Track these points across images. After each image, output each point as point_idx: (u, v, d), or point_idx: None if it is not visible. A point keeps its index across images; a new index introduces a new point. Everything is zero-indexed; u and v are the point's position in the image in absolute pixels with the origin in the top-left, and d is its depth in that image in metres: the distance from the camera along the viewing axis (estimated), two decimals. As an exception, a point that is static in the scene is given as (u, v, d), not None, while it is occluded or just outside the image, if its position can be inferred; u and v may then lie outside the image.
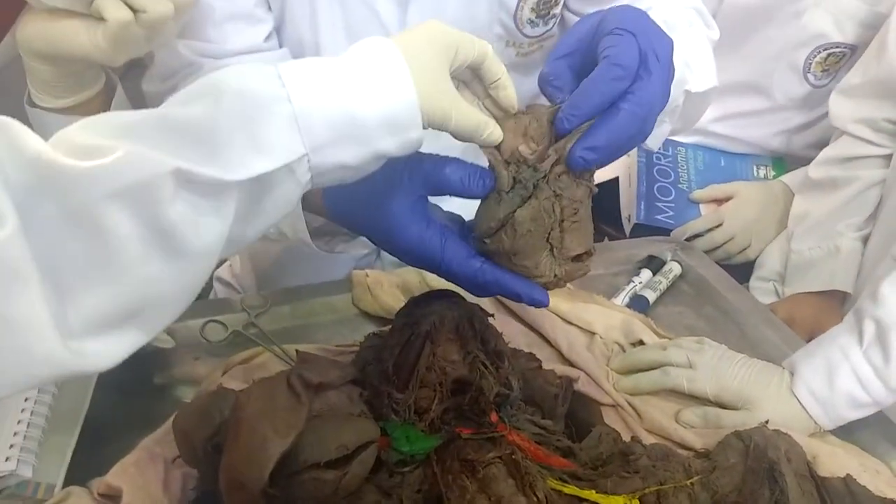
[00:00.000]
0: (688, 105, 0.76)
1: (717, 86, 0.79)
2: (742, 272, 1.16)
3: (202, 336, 0.79)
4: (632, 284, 0.91)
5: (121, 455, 0.61)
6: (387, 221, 0.51)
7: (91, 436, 0.64)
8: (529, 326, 0.82)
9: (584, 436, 0.64)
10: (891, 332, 0.68)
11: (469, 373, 0.58)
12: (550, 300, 0.88)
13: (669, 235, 1.13)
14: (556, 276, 0.52)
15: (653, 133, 0.79)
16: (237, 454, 0.50)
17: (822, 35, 1.11)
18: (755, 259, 1.17)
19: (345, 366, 0.60)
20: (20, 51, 0.63)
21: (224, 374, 0.71)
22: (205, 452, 0.55)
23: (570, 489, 0.54)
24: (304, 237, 0.69)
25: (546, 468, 0.56)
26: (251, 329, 0.80)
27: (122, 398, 0.71)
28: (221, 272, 1.16)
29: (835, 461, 0.64)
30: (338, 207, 0.56)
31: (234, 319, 0.80)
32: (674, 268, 0.94)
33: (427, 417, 0.57)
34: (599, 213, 1.46)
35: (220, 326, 0.80)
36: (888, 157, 1.03)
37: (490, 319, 0.62)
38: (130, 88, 0.76)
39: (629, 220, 1.22)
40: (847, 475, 0.61)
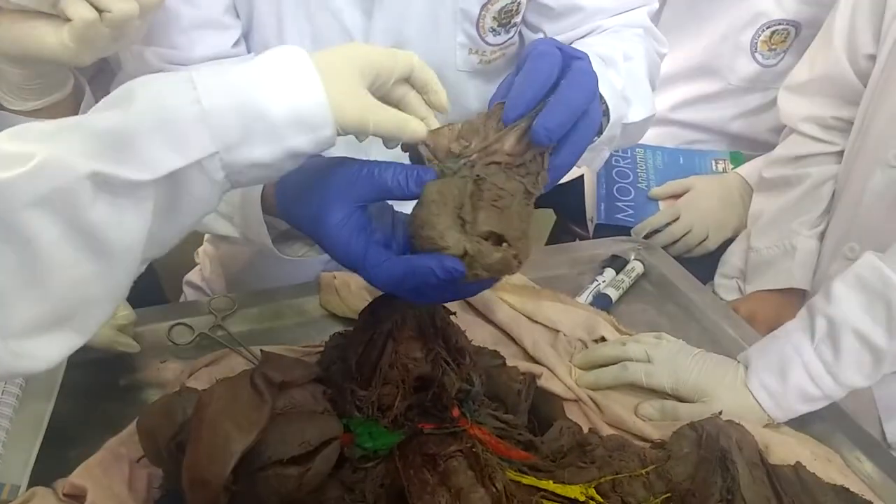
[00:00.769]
0: (626, 133, 0.80)
1: (655, 114, 0.83)
2: (707, 269, 1.19)
3: (169, 339, 0.79)
4: (595, 283, 0.93)
5: (86, 457, 0.61)
6: (323, 228, 0.52)
7: (56, 438, 0.64)
8: (496, 326, 0.83)
9: (547, 430, 0.66)
10: (842, 329, 0.70)
11: (431, 370, 0.59)
12: (517, 300, 0.89)
13: (630, 233, 1.15)
14: (468, 253, 0.49)
15: (592, 157, 0.82)
16: (200, 452, 0.51)
17: (764, 13, 1.15)
18: (715, 251, 1.19)
19: (308, 364, 0.60)
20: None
21: (190, 377, 0.72)
22: (169, 451, 0.55)
23: (529, 480, 0.55)
24: (266, 241, 0.70)
25: (506, 461, 0.58)
26: (218, 331, 0.80)
27: (88, 401, 0.71)
28: (191, 276, 1.15)
29: (786, 450, 0.66)
30: (282, 207, 0.57)
31: (202, 322, 0.81)
32: (636, 267, 0.96)
33: (390, 414, 0.58)
34: (568, 215, 1.48)
35: (187, 329, 0.80)
36: (839, 154, 1.05)
37: (455, 319, 0.63)
38: (99, 94, 0.76)
39: (592, 222, 1.24)
40: (797, 463, 0.63)
